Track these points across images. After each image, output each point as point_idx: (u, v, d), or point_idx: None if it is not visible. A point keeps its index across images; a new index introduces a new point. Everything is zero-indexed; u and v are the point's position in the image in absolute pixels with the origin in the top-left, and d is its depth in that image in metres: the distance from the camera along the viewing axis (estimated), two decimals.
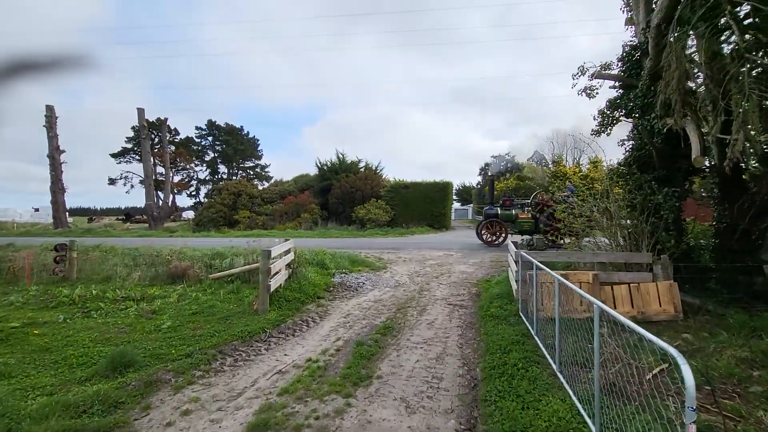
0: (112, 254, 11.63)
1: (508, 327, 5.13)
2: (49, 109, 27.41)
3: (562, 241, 13.15)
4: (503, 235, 14.56)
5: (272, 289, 6.26)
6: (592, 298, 2.86)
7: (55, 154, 27.58)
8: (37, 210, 50.20)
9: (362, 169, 30.39)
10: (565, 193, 14.99)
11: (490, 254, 12.46)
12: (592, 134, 6.87)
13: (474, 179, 47.84)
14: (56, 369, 4.04)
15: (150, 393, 3.54)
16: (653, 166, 6.17)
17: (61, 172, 27.91)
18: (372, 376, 3.90)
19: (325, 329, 5.54)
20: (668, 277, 5.46)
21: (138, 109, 28.70)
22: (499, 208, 14.90)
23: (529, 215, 14.31)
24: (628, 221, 6.19)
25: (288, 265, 7.71)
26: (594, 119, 6.91)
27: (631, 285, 5.42)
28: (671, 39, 4.46)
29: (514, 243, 7.16)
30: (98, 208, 78.12)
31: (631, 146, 6.59)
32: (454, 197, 35.50)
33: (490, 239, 14.75)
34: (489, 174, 16.16)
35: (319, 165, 29.76)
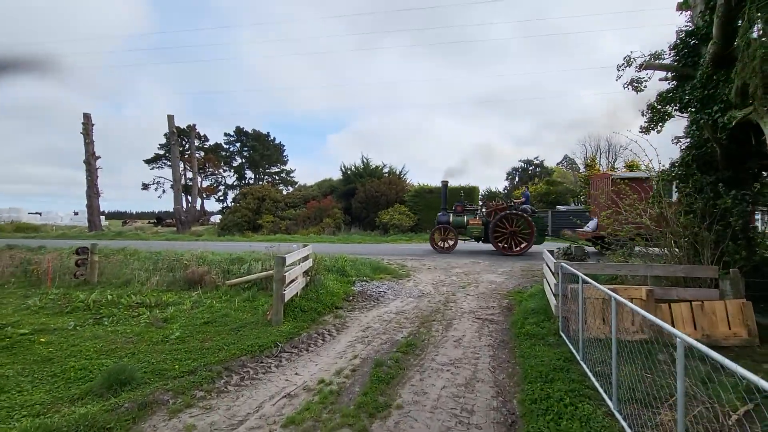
0: (134, 258, 11.64)
1: (547, 349, 4.49)
2: (86, 117, 28.59)
3: (518, 248, 13.26)
4: (452, 241, 14.53)
5: (287, 299, 5.87)
6: (674, 330, 2.25)
7: (91, 160, 28.69)
8: (76, 213, 52.70)
9: (386, 174, 30.02)
10: (521, 200, 14.68)
11: (520, 263, 11.69)
12: (640, 132, 6.14)
13: (500, 184, 46.56)
14: (52, 384, 3.76)
15: (143, 417, 3.16)
16: (716, 167, 5.39)
17: (97, 177, 28.97)
18: (391, 406, 3.39)
19: (342, 344, 5.08)
20: (739, 295, 4.68)
21: (168, 116, 29.52)
22: (451, 215, 14.78)
23: (480, 222, 14.25)
24: (685, 229, 5.42)
25: (306, 273, 7.32)
26: (643, 115, 6.18)
27: (693, 303, 4.67)
28: (749, 12, 3.76)
29: (551, 252, 6.49)
30: (133, 212, 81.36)
31: (687, 144, 5.82)
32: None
33: (440, 245, 14.65)
34: (443, 181, 16.08)
35: (343, 169, 29.63)
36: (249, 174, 57.37)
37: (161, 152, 48.72)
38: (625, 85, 6.37)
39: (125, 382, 3.61)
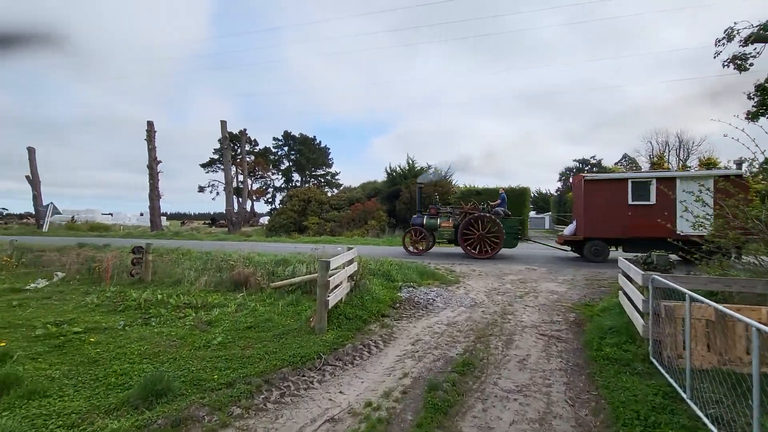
0: (186, 257, 11.97)
1: (637, 379, 3.73)
2: (149, 125, 30.63)
3: (487, 250, 13.17)
4: (425, 243, 14.41)
5: (331, 305, 5.51)
6: None
7: (153, 165, 30.69)
8: (142, 215, 56.93)
9: (432, 176, 29.34)
10: (497, 201, 14.37)
11: (583, 271, 10.60)
12: (747, 118, 5.12)
13: (552, 186, 44.03)
14: (93, 389, 3.62)
15: None
16: None
17: (158, 180, 30.93)
18: None
19: (390, 359, 4.60)
20: None
21: (221, 121, 30.89)
22: (425, 217, 14.56)
23: (452, 224, 14.00)
24: None
25: (350, 277, 6.95)
26: (750, 98, 5.15)
27: None
28: None
29: (630, 261, 5.60)
30: (192, 213, 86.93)
31: None
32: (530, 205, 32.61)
33: (412, 248, 14.50)
34: (418, 183, 16.65)
35: (388, 170, 29.36)
36: (296, 177, 59.01)
37: (215, 157, 51.44)
38: (725, 63, 5.35)
39: (161, 393, 3.37)
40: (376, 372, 4.24)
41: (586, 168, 39.54)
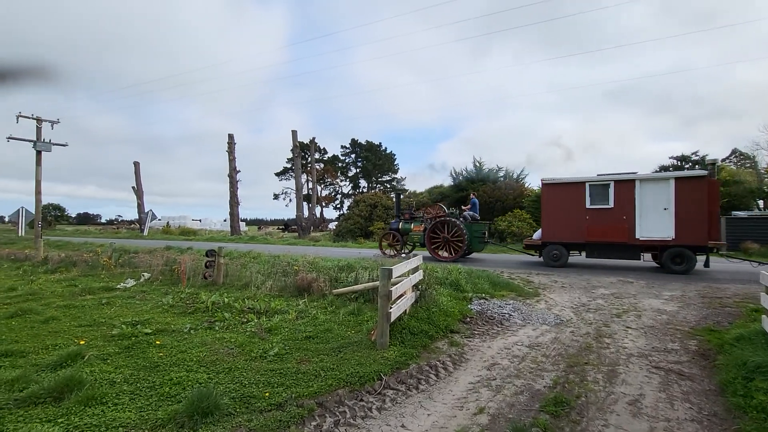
0: (256, 261, 12.32)
1: None
2: (230, 137, 33.14)
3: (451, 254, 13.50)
4: (398, 246, 14.96)
5: (393, 318, 4.97)
6: None
7: (233, 174, 33.11)
8: (225, 220, 62.17)
9: (502, 178, 27.71)
10: (467, 206, 14.88)
11: (693, 285, 8.82)
12: None
13: None
14: (147, 398, 3.48)
15: None
16: None
17: (237, 188, 33.29)
18: None
19: (461, 386, 3.92)
20: None
21: (292, 131, 32.38)
22: (401, 222, 15.22)
23: (422, 228, 14.37)
24: None
25: (415, 286, 6.37)
26: None
27: None
28: None
29: None
30: (269, 219, 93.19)
31: None
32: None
33: (386, 251, 15.17)
34: (396, 191, 16.55)
35: (454, 174, 28.38)
36: (363, 183, 60.13)
37: (288, 165, 54.40)
38: None
39: (208, 411, 3.09)
40: (444, 402, 3.59)
41: (687, 166, 34.43)
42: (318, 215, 46.48)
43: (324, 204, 55.27)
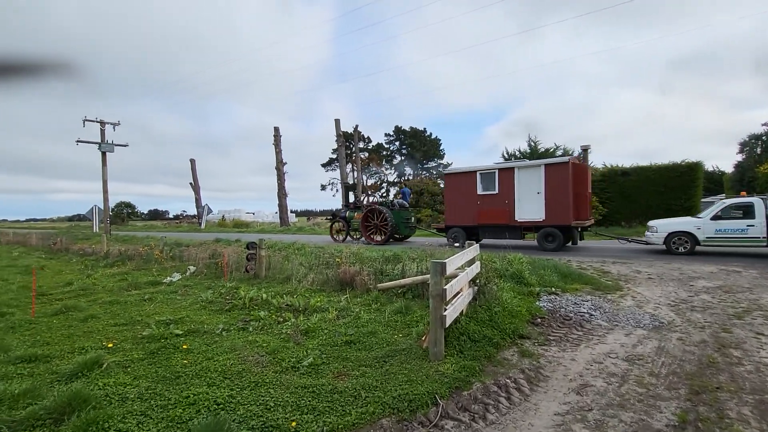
0: (300, 253, 11.92)
1: None
2: (276, 130, 33.51)
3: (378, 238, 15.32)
4: (344, 232, 17.02)
5: (449, 322, 4.06)
6: None
7: (280, 166, 33.55)
8: (277, 212, 64.26)
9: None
10: (399, 196, 17.24)
11: None
12: None
13: (727, 162, 34.28)
14: (157, 423, 2.91)
15: None
16: None
17: (284, 180, 33.72)
18: None
19: (544, 418, 2.95)
20: None
21: (335, 120, 31.98)
22: (347, 212, 17.13)
23: (360, 216, 15.97)
24: None
25: (473, 281, 5.41)
26: None
27: None
28: None
29: None
30: (318, 210, 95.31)
31: None
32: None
33: (335, 236, 17.35)
34: (345, 183, 20.35)
35: (506, 156, 26.46)
36: (408, 170, 58.99)
37: (333, 156, 54.59)
38: None
39: None
40: None
41: None
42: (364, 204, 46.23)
43: (370, 193, 54.98)
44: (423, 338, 4.33)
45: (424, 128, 58.11)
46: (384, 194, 19.03)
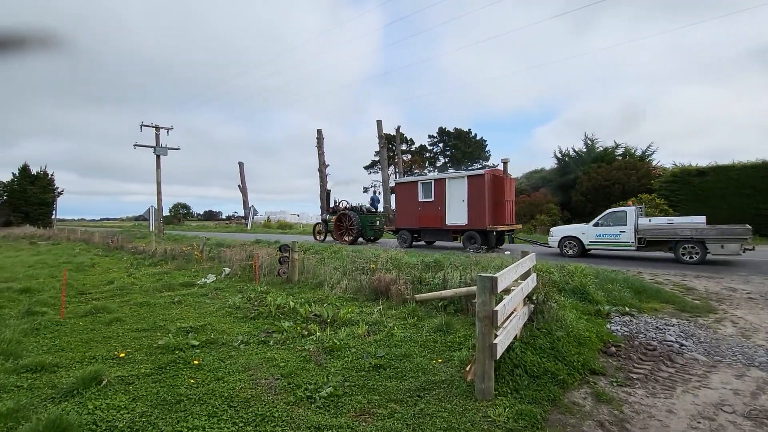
0: (337, 256, 11.44)
1: None
2: (318, 132, 33.77)
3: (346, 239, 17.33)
4: (325, 233, 18.79)
5: (501, 351, 3.24)
6: None
7: (322, 168, 33.74)
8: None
9: (620, 157, 23.19)
10: (368, 203, 19.01)
11: None
12: None
13: None
14: None
15: None
16: None
17: (326, 182, 33.84)
18: None
19: None
20: None
21: (377, 121, 31.62)
22: (327, 215, 18.90)
23: (334, 219, 18.03)
24: None
25: (528, 298, 4.51)
26: None
27: None
28: None
29: None
30: None
31: None
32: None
33: (317, 237, 19.17)
34: (327, 189, 21.95)
35: (558, 156, 24.64)
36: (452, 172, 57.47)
37: (376, 159, 54.41)
38: None
39: None
40: None
41: None
42: None
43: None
44: (467, 368, 3.53)
45: (469, 129, 56.42)
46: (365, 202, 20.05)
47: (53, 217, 52.14)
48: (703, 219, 10.54)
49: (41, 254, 16.21)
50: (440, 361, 3.98)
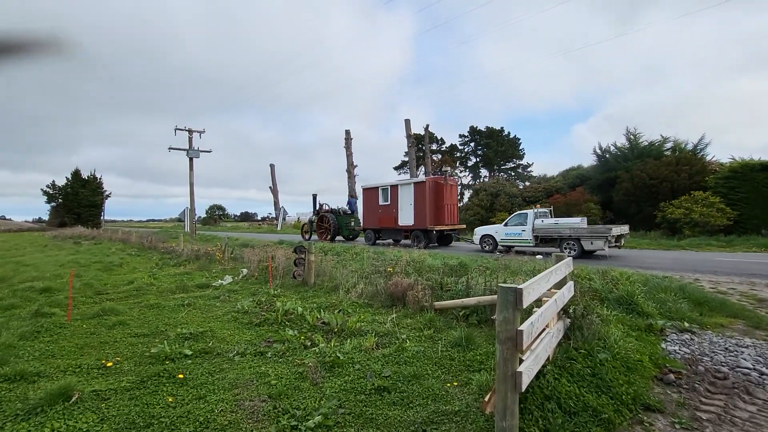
0: (359, 258, 10.99)
1: None
2: (347, 133, 33.64)
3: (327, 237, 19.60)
4: (310, 233, 21.19)
5: (528, 381, 2.59)
6: None
7: (351, 169, 33.57)
8: None
9: (669, 153, 21.33)
10: (346, 206, 21.47)
11: None
12: None
13: None
14: None
15: None
16: None
17: (355, 183, 33.62)
18: None
19: None
20: None
21: (405, 120, 31.05)
22: (314, 216, 21.19)
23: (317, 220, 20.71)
24: None
25: (563, 311, 3.80)
26: None
27: None
28: None
29: None
30: None
31: None
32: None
33: (304, 236, 21.39)
34: (313, 194, 22.14)
35: (599, 152, 23.09)
36: (484, 172, 55.86)
37: (405, 159, 53.77)
38: None
39: None
40: None
41: None
42: None
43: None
44: (487, 398, 2.90)
45: (501, 128, 54.58)
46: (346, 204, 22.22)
47: (102, 218, 55.37)
48: (579, 220, 12.29)
49: (79, 254, 16.86)
50: (456, 384, 3.38)
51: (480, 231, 14.43)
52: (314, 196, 22.61)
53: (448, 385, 3.37)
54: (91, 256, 15.61)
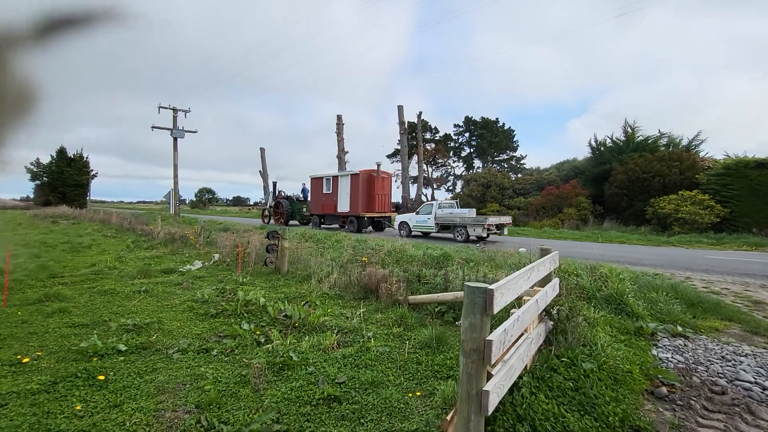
0: (339, 246, 10.50)
1: None
2: (338, 118, 32.79)
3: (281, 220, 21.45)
4: (269, 217, 22.81)
5: (494, 403, 2.14)
6: None
7: (341, 155, 32.83)
8: None
9: (663, 148, 21.02)
10: (299, 194, 22.85)
11: None
12: None
13: None
14: None
15: None
16: None
17: (345, 170, 32.96)
18: None
19: None
20: None
21: (398, 106, 30.31)
22: (273, 202, 22.80)
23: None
24: None
25: (546, 312, 3.36)
26: None
27: None
28: None
29: None
30: None
31: None
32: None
33: (264, 220, 23.10)
34: (273, 181, 24.50)
35: (593, 145, 22.69)
36: (477, 163, 55.38)
37: (398, 147, 53.01)
38: None
39: None
40: None
41: None
42: (430, 197, 44.08)
43: (436, 186, 52.60)
44: (449, 417, 2.45)
45: (497, 118, 53.90)
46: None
47: (88, 198, 53.99)
48: (467, 211, 14.53)
49: (51, 233, 16.14)
50: (418, 394, 2.93)
51: (399, 218, 16.65)
52: (274, 184, 24.38)
53: (410, 395, 2.92)
54: (63, 236, 14.91)
